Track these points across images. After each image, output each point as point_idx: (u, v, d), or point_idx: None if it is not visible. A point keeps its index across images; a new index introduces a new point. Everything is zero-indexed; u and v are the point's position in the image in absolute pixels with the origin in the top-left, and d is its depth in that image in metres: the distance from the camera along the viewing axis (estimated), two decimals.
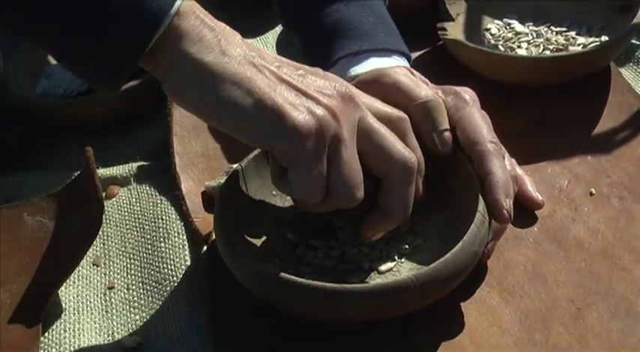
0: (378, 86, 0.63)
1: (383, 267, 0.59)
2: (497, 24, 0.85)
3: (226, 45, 0.50)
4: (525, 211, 0.65)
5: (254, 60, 0.51)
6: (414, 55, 0.74)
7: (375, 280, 0.58)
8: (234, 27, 0.53)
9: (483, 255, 0.58)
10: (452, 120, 0.62)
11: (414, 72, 0.66)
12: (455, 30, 0.82)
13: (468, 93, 0.63)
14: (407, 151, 0.55)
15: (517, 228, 0.63)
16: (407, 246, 0.61)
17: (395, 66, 0.66)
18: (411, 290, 0.51)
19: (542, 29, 0.83)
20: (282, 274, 0.52)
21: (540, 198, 0.65)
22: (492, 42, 0.83)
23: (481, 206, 0.56)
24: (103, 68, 0.50)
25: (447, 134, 0.61)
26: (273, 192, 0.64)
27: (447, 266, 0.52)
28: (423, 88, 0.63)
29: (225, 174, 0.69)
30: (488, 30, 0.85)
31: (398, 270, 0.59)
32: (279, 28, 0.96)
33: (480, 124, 0.61)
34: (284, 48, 0.92)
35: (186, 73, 0.50)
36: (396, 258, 0.60)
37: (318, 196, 0.53)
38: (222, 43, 0.50)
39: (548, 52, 0.80)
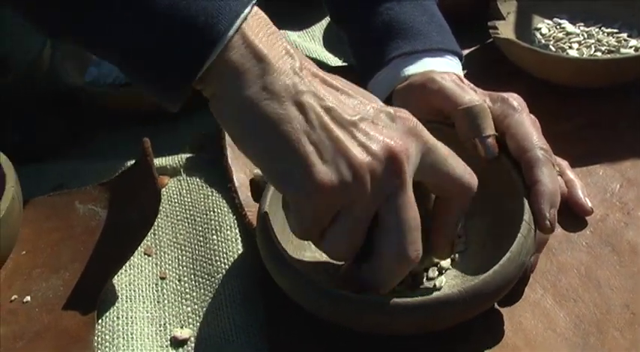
0: (424, 92, 0.63)
1: (430, 274, 0.59)
2: (548, 24, 0.85)
3: (274, 78, 0.47)
4: (577, 214, 0.65)
5: (301, 98, 0.48)
6: (464, 52, 0.74)
7: (423, 285, 0.58)
8: (279, 21, 0.51)
9: (527, 268, 0.57)
10: (500, 127, 0.61)
11: (463, 79, 0.65)
12: (505, 29, 0.82)
13: (516, 100, 0.63)
14: (417, 250, 0.50)
15: (568, 231, 0.63)
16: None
17: (444, 71, 0.66)
18: (461, 303, 0.50)
19: (594, 30, 0.82)
20: (329, 288, 0.52)
21: (590, 204, 0.64)
22: (543, 42, 0.82)
23: (527, 215, 0.55)
24: (158, 94, 0.50)
25: (491, 140, 0.60)
26: None
27: (496, 279, 0.51)
28: (468, 93, 0.62)
29: None
30: (538, 29, 0.84)
31: (443, 278, 0.59)
32: (325, 21, 0.96)
33: (530, 131, 0.61)
34: (330, 41, 0.92)
35: (225, 103, 0.49)
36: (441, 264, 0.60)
37: (305, 239, 0.52)
38: (268, 76, 0.47)
39: (599, 54, 0.79)
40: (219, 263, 0.63)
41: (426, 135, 0.51)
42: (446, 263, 0.59)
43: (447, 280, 0.58)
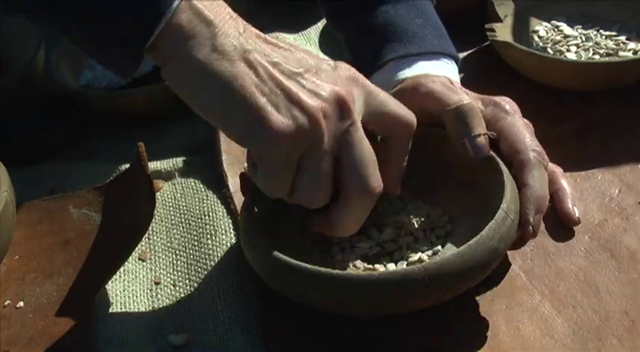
0: (414, 96, 0.63)
1: (412, 258, 0.59)
2: (546, 26, 0.85)
3: (222, 39, 0.50)
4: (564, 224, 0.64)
5: (249, 55, 0.51)
6: (461, 55, 0.74)
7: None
8: (275, 23, 0.54)
9: (527, 232, 0.57)
10: (493, 130, 0.61)
11: (454, 81, 0.65)
12: (503, 31, 0.82)
13: (508, 104, 0.63)
14: (378, 181, 0.53)
15: (557, 242, 0.63)
16: (433, 248, 0.60)
17: (437, 75, 0.65)
18: (420, 280, 0.50)
19: (592, 33, 0.82)
20: (289, 259, 0.53)
21: (577, 214, 0.63)
22: (540, 44, 0.82)
23: (505, 204, 0.54)
24: (112, 63, 0.53)
25: (481, 139, 0.59)
26: None
27: (462, 258, 0.51)
28: (457, 93, 0.62)
29: None
30: (536, 32, 0.84)
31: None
32: (321, 23, 0.95)
33: (522, 132, 0.60)
34: (326, 44, 0.92)
35: (177, 67, 0.51)
36: (422, 256, 0.59)
37: (278, 195, 0.54)
38: (216, 39, 0.50)
39: (597, 57, 0.79)
40: (214, 268, 0.63)
41: (365, 81, 0.55)
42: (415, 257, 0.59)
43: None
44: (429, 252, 0.59)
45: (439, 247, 0.60)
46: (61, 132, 0.80)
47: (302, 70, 0.52)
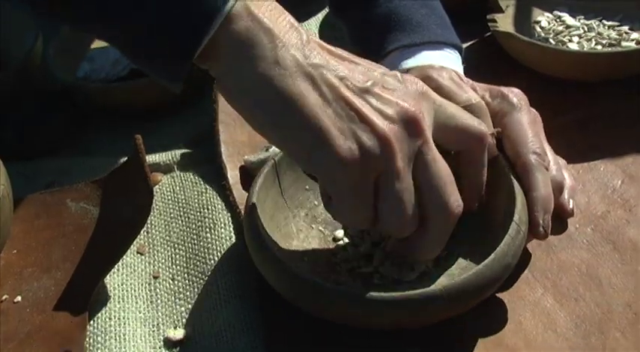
0: None
1: (419, 266, 0.58)
2: (548, 16, 0.84)
3: (283, 52, 0.47)
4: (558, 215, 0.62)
5: (313, 70, 0.47)
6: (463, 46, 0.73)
7: (405, 277, 0.57)
8: None
9: (539, 233, 0.57)
10: (497, 126, 0.61)
11: (462, 75, 0.64)
12: (504, 22, 0.81)
13: (516, 96, 0.62)
14: (457, 201, 0.51)
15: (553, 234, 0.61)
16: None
17: (442, 66, 0.65)
18: (440, 301, 0.50)
19: (594, 23, 0.81)
20: (306, 275, 0.52)
21: (572, 206, 0.62)
22: (542, 35, 0.81)
23: (517, 216, 0.54)
24: (159, 73, 0.49)
25: (490, 139, 0.58)
26: (307, 187, 0.63)
27: (478, 278, 0.51)
28: (465, 91, 0.61)
29: (265, 149, 0.68)
30: (538, 22, 0.83)
31: (428, 275, 0.58)
32: (321, 15, 0.95)
33: (525, 132, 0.60)
34: (327, 36, 0.91)
35: (236, 80, 0.48)
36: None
37: (362, 226, 0.51)
38: (277, 51, 0.46)
39: (600, 47, 0.78)
40: (213, 261, 0.62)
41: (433, 94, 0.52)
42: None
43: (435, 277, 0.57)
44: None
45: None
46: (59, 126, 0.79)
47: (369, 85, 0.49)
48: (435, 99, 0.52)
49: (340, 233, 0.61)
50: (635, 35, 0.78)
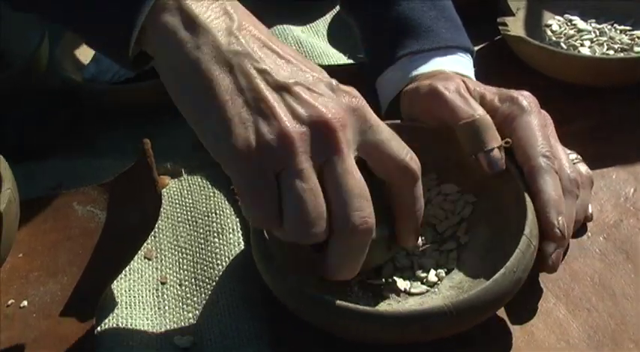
0: (428, 104, 0.61)
1: (430, 278, 0.58)
2: (559, 20, 0.83)
3: (204, 39, 0.47)
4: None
5: (232, 58, 0.47)
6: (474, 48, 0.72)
7: (415, 288, 0.57)
8: (283, 16, 0.52)
9: (547, 266, 0.56)
10: (507, 130, 0.60)
11: (469, 83, 0.63)
12: (515, 25, 0.80)
13: (526, 99, 0.61)
14: (363, 217, 0.47)
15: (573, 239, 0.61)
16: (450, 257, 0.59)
17: (451, 74, 0.64)
18: (448, 317, 0.49)
19: (606, 27, 0.80)
20: (311, 291, 0.51)
21: (591, 211, 0.62)
22: (553, 39, 0.80)
23: (527, 229, 0.53)
24: (112, 59, 0.52)
25: (495, 153, 0.58)
26: None
27: (487, 294, 0.50)
28: (470, 105, 0.60)
29: None
30: (549, 26, 0.82)
31: (437, 287, 0.57)
32: (329, 16, 0.94)
33: (535, 136, 0.59)
34: (335, 36, 0.90)
35: (160, 64, 0.50)
36: (436, 270, 0.58)
37: (267, 225, 0.49)
38: (197, 38, 0.47)
39: (612, 52, 0.77)
40: (221, 267, 0.62)
41: (368, 113, 0.50)
42: (433, 275, 0.58)
43: (442, 290, 0.57)
44: (443, 271, 0.58)
45: (451, 261, 0.59)
46: (65, 127, 0.78)
47: (291, 82, 0.48)
48: (370, 119, 0.50)
49: None
50: None
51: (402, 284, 0.57)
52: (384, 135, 0.50)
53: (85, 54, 0.85)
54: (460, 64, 0.67)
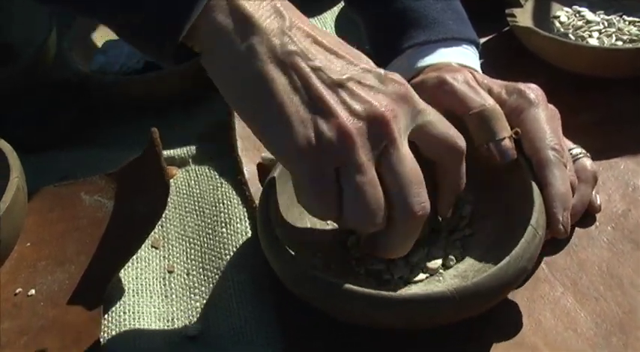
0: (437, 94, 0.61)
1: (431, 265, 0.57)
2: (567, 11, 0.82)
3: (257, 39, 0.48)
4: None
5: (286, 58, 0.48)
6: (480, 41, 0.72)
7: (417, 278, 0.57)
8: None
9: (558, 230, 0.56)
10: (516, 122, 0.60)
11: (477, 75, 0.63)
12: (523, 16, 0.80)
13: (533, 92, 0.61)
14: (422, 202, 0.50)
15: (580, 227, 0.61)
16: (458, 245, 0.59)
17: (458, 65, 0.64)
18: (451, 302, 0.49)
19: (615, 18, 0.80)
20: (318, 276, 0.51)
21: (599, 201, 0.62)
22: (562, 30, 0.80)
23: (534, 219, 0.54)
24: (149, 52, 0.51)
25: (505, 142, 0.58)
26: None
27: (491, 281, 0.50)
28: (480, 95, 0.60)
29: None
30: (557, 17, 0.82)
31: (442, 276, 0.57)
32: (337, 8, 0.94)
33: (543, 128, 0.59)
34: (343, 29, 0.90)
35: (213, 62, 0.50)
36: (444, 258, 0.58)
37: (326, 217, 0.51)
38: (251, 37, 0.48)
39: (620, 43, 0.77)
40: (228, 256, 0.62)
41: (416, 99, 0.51)
42: (440, 264, 0.58)
43: (447, 278, 0.57)
44: (450, 261, 0.58)
45: (458, 252, 0.59)
46: (74, 118, 0.78)
47: (344, 78, 0.49)
48: (417, 103, 0.51)
49: (353, 240, 0.61)
50: None
51: (403, 272, 0.57)
52: (432, 117, 0.52)
53: (92, 46, 0.85)
54: (466, 56, 0.67)
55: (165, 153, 0.72)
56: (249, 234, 0.63)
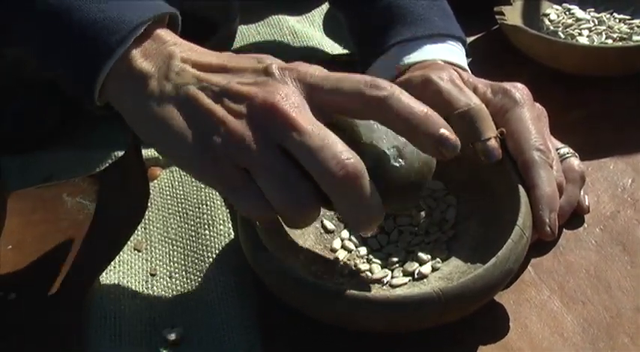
0: (422, 93, 0.58)
1: (415, 268, 0.57)
2: (557, 9, 0.82)
3: (152, 85, 0.50)
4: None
5: (178, 92, 0.50)
6: (468, 39, 0.72)
7: (402, 280, 0.56)
8: (279, 6, 0.52)
9: (545, 232, 0.56)
10: (500, 122, 0.59)
11: (462, 73, 0.63)
12: (512, 14, 0.79)
13: (519, 92, 0.60)
14: (338, 162, 0.46)
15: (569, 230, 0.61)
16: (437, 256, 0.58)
17: (443, 60, 0.64)
18: (436, 304, 0.49)
19: (605, 16, 0.79)
20: (299, 277, 0.51)
21: (587, 203, 0.61)
22: (551, 28, 0.79)
23: (520, 220, 0.53)
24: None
25: (491, 143, 0.57)
26: None
27: (477, 283, 0.50)
28: (465, 94, 0.59)
29: None
30: (546, 15, 0.81)
31: (427, 277, 0.56)
32: (325, 6, 0.93)
33: (528, 128, 0.58)
34: (330, 27, 0.89)
35: (121, 110, 0.52)
36: (429, 260, 0.58)
37: (261, 216, 0.49)
38: (148, 86, 0.50)
39: (610, 41, 0.76)
40: (211, 259, 0.61)
41: (305, 73, 0.49)
42: (427, 267, 0.57)
43: (432, 280, 0.56)
44: (436, 263, 0.57)
45: (443, 254, 0.58)
46: (56, 118, 0.77)
47: (224, 85, 0.49)
48: (310, 75, 0.49)
49: (338, 243, 0.60)
50: None
51: (386, 273, 0.56)
52: (332, 79, 0.49)
53: None
54: (452, 53, 0.66)
55: (149, 153, 0.71)
56: (232, 236, 0.62)
